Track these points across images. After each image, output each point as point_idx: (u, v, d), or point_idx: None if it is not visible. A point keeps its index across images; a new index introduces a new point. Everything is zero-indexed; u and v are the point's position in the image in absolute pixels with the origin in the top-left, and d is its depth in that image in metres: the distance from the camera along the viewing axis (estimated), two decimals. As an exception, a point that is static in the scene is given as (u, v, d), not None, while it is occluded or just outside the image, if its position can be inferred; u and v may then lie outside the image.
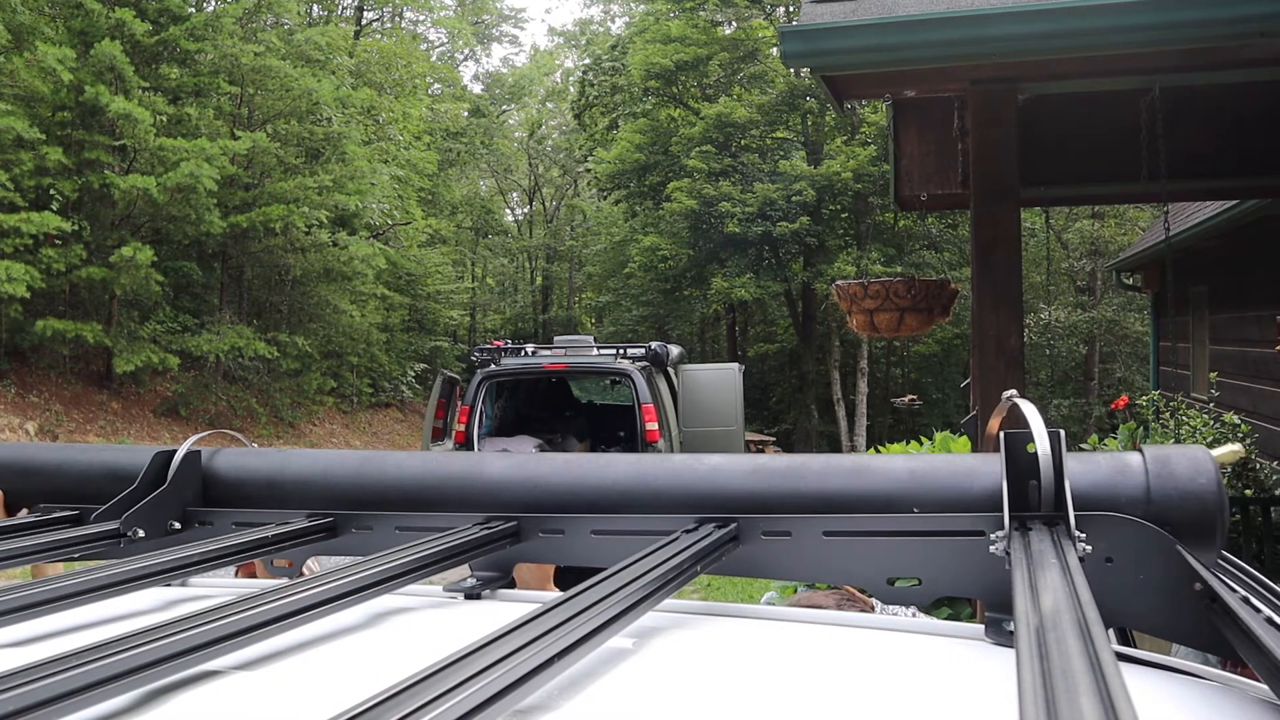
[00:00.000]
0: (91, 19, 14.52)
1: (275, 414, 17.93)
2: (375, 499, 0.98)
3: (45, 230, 12.97)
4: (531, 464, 0.96)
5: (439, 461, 0.99)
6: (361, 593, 0.73)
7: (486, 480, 0.95)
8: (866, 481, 0.83)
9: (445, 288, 25.93)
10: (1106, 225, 20.80)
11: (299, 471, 1.03)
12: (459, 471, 0.97)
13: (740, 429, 9.55)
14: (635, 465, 0.91)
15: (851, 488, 0.83)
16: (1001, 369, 3.65)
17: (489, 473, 0.95)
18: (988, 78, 3.70)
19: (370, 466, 1.00)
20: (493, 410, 10.12)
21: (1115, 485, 0.75)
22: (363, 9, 28.32)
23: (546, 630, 0.56)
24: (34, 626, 0.75)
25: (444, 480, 0.97)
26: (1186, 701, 0.65)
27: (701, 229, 21.77)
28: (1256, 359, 7.51)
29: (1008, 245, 3.80)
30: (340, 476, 1.00)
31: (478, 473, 0.96)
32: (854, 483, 0.83)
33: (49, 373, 14.85)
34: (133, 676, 0.55)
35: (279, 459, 1.05)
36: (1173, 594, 0.70)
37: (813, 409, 23.00)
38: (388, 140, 21.91)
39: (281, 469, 1.03)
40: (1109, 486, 0.75)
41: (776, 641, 0.77)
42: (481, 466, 0.97)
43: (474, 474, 0.96)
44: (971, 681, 0.68)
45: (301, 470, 1.03)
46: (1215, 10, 3.17)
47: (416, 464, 0.99)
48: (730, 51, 23.01)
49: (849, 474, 0.84)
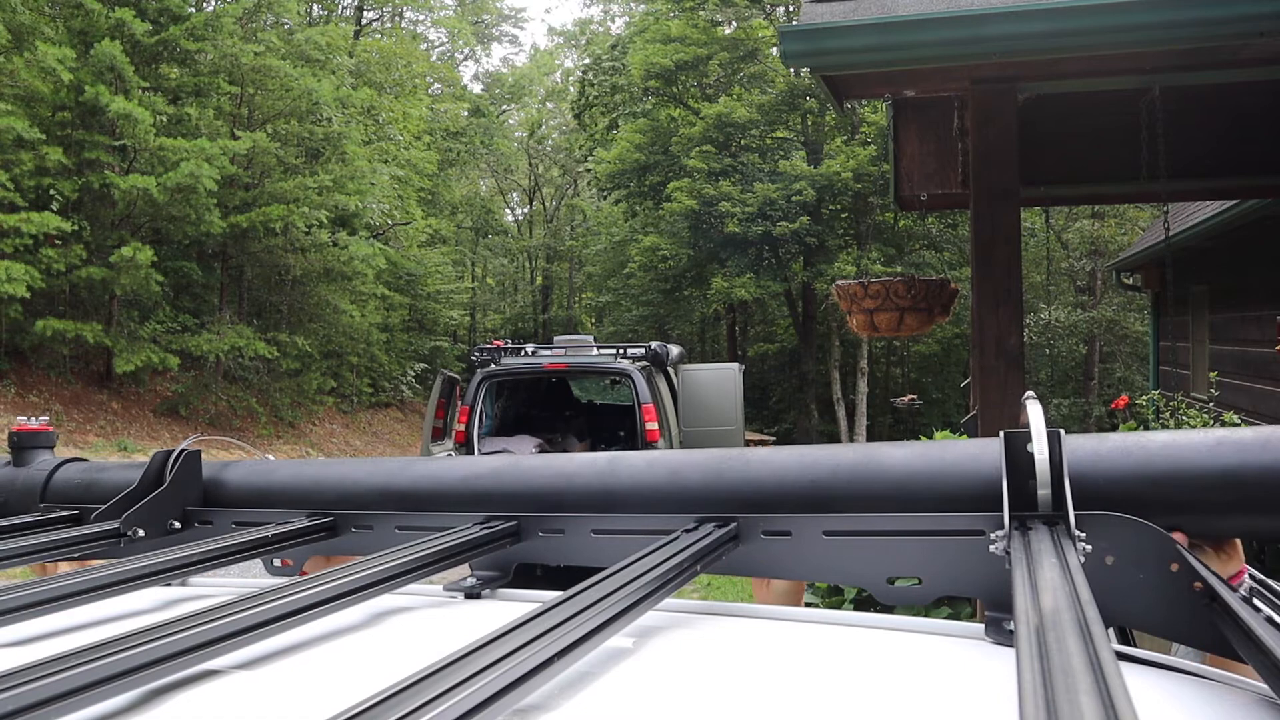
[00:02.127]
0: (91, 19, 14.52)
1: (275, 414, 17.94)
2: (375, 499, 0.98)
3: (45, 230, 12.97)
4: (528, 463, 0.96)
5: (440, 466, 1.00)
6: (361, 592, 0.73)
7: (486, 481, 0.95)
8: (869, 478, 0.83)
9: (445, 288, 25.93)
10: (1106, 225, 20.80)
11: (299, 478, 1.03)
12: (459, 476, 0.97)
13: (740, 429, 9.56)
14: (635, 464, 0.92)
15: (854, 487, 0.83)
16: (1001, 369, 3.65)
17: (488, 475, 0.96)
18: (988, 77, 3.70)
19: (375, 475, 1.01)
20: (493, 410, 10.12)
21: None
22: (363, 9, 28.32)
23: (546, 630, 0.56)
24: (34, 626, 0.75)
25: (444, 482, 0.97)
26: (1186, 701, 0.65)
27: (701, 229, 21.77)
28: (1256, 359, 7.51)
29: (1008, 245, 3.80)
30: (341, 480, 1.01)
31: (476, 475, 0.96)
32: (856, 481, 0.83)
33: (49, 373, 14.86)
34: (133, 676, 0.55)
35: (282, 470, 1.06)
36: (1172, 593, 0.70)
37: (813, 409, 23.00)
38: (388, 140, 21.90)
39: (273, 474, 1.04)
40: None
41: (777, 641, 0.77)
42: (480, 468, 0.97)
43: (473, 476, 0.96)
44: (971, 681, 0.68)
45: (301, 474, 1.04)
46: (1215, 10, 3.17)
47: (418, 470, 1.00)
48: (730, 51, 23.00)
49: (852, 469, 0.84)
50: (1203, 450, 0.77)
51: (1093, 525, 0.71)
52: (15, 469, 1.16)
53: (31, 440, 1.18)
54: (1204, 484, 0.76)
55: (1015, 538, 0.70)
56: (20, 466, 1.16)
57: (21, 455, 1.17)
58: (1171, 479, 0.77)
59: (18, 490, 1.10)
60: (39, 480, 1.07)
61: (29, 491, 1.08)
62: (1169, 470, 0.77)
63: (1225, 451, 0.76)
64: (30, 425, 1.19)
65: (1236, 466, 0.75)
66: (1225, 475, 0.75)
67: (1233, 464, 0.75)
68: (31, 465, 1.16)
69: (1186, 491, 0.76)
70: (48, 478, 1.10)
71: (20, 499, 1.06)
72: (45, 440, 1.19)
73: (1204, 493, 0.76)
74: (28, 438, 1.18)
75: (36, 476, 1.10)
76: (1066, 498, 0.72)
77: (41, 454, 1.18)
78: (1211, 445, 0.77)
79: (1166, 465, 0.77)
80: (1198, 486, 0.76)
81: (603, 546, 0.85)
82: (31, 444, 1.18)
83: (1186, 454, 0.77)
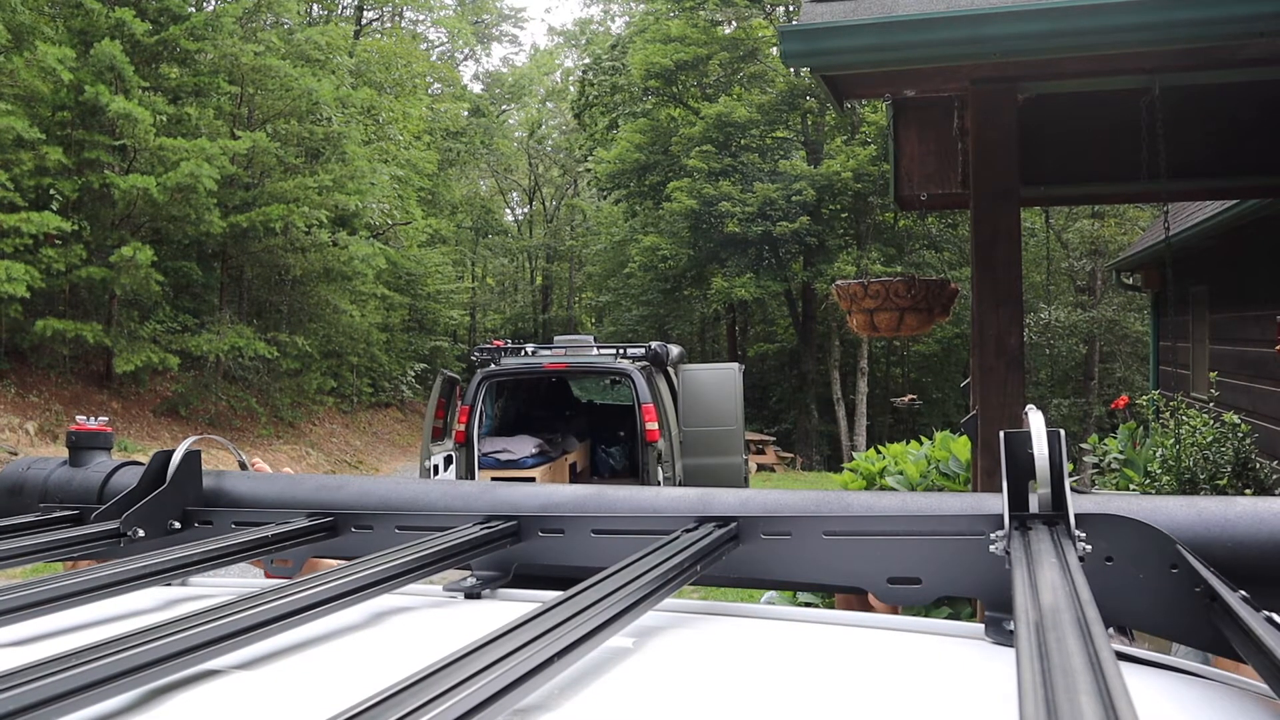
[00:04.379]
0: (91, 19, 14.52)
1: (275, 414, 17.94)
2: (376, 500, 0.98)
3: (45, 230, 12.97)
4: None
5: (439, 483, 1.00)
6: (361, 592, 0.73)
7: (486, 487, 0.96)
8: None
9: (445, 288, 25.95)
10: (1106, 225, 20.81)
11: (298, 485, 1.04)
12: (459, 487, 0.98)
13: (740, 428, 9.56)
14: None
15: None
16: (1001, 369, 3.65)
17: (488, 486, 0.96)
18: (988, 77, 3.70)
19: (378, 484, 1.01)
20: (493, 410, 10.13)
21: None
22: (363, 8, 28.32)
23: (546, 629, 0.56)
24: (34, 626, 0.75)
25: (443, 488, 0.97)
26: (1186, 701, 0.65)
27: (701, 229, 21.78)
28: (1256, 359, 7.51)
29: (1008, 245, 3.80)
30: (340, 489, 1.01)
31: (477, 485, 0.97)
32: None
33: (49, 372, 14.85)
34: (132, 676, 0.55)
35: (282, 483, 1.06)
36: (1173, 593, 0.70)
37: (813, 408, 23.01)
38: (388, 140, 21.91)
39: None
40: None
41: (777, 641, 0.77)
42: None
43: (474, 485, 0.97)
44: (971, 681, 0.68)
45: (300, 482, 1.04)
46: (1215, 9, 3.17)
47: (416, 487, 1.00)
48: (730, 51, 23.02)
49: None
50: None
51: (1092, 525, 0.72)
52: (72, 469, 1.13)
53: (90, 440, 1.16)
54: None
55: (1015, 537, 0.71)
56: (77, 467, 1.14)
57: (78, 455, 1.15)
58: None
59: (74, 491, 1.09)
60: (96, 482, 1.06)
61: (85, 493, 1.06)
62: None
63: None
64: (89, 425, 1.17)
65: None
66: None
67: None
68: (89, 466, 1.13)
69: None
70: (105, 480, 1.09)
71: (76, 501, 1.05)
72: (103, 441, 1.17)
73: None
74: (86, 438, 1.15)
75: (94, 478, 1.08)
76: (1067, 498, 0.72)
77: (98, 455, 1.16)
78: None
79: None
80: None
81: (603, 546, 0.85)
82: (89, 444, 1.16)
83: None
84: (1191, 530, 0.74)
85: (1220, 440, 5.95)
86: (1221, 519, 0.74)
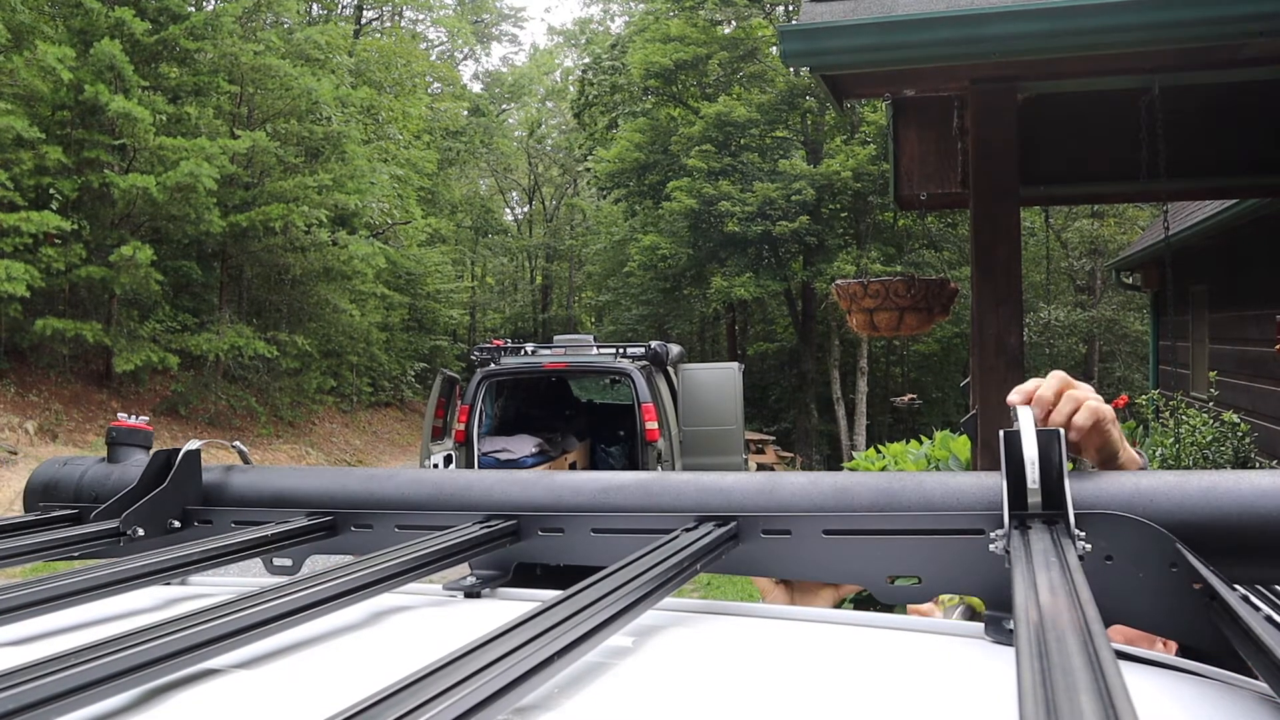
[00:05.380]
0: (91, 18, 14.51)
1: (275, 413, 17.94)
2: (375, 499, 0.98)
3: (45, 229, 12.96)
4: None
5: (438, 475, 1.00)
6: (361, 591, 0.73)
7: (486, 482, 0.95)
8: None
9: (445, 287, 25.95)
10: (1106, 225, 20.82)
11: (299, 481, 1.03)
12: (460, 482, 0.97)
13: (740, 428, 9.56)
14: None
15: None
16: (1001, 368, 3.65)
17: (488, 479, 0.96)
18: (987, 77, 3.70)
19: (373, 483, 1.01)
20: (493, 409, 10.12)
21: None
22: (362, 8, 28.32)
23: (546, 629, 0.56)
24: (34, 625, 0.75)
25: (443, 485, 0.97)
26: (1186, 701, 0.65)
27: (701, 228, 21.77)
28: (1256, 358, 7.51)
29: (1008, 244, 3.80)
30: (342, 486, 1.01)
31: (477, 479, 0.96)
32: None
33: (49, 372, 14.85)
34: (132, 675, 0.55)
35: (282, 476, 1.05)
36: (1172, 592, 0.70)
37: (812, 408, 23.00)
38: (387, 139, 21.91)
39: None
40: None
41: (777, 640, 0.77)
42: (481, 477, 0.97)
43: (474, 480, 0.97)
44: (971, 680, 0.68)
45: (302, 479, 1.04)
46: (1214, 9, 3.17)
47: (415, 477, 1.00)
48: (730, 51, 22.99)
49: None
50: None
51: (1092, 524, 0.71)
52: (110, 465, 1.12)
53: (128, 437, 1.15)
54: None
55: (1015, 537, 0.70)
56: (115, 463, 1.13)
57: (116, 452, 1.14)
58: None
59: (110, 488, 1.08)
60: (132, 479, 1.05)
61: (120, 490, 1.06)
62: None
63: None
64: (129, 422, 1.16)
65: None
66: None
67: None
68: (126, 463, 1.12)
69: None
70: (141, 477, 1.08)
71: (110, 499, 1.04)
72: (142, 439, 1.15)
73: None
74: (124, 434, 1.15)
75: (130, 475, 1.08)
76: (1066, 497, 0.72)
77: (136, 452, 1.15)
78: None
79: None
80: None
81: (602, 545, 0.85)
82: (128, 441, 1.15)
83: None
84: (1184, 505, 0.76)
85: (1220, 439, 5.95)
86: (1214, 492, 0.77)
